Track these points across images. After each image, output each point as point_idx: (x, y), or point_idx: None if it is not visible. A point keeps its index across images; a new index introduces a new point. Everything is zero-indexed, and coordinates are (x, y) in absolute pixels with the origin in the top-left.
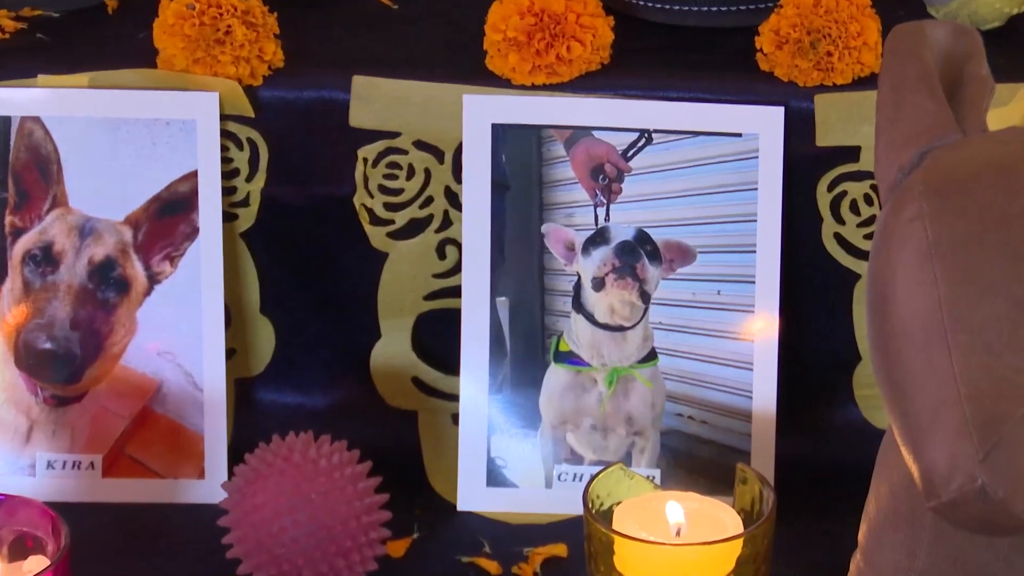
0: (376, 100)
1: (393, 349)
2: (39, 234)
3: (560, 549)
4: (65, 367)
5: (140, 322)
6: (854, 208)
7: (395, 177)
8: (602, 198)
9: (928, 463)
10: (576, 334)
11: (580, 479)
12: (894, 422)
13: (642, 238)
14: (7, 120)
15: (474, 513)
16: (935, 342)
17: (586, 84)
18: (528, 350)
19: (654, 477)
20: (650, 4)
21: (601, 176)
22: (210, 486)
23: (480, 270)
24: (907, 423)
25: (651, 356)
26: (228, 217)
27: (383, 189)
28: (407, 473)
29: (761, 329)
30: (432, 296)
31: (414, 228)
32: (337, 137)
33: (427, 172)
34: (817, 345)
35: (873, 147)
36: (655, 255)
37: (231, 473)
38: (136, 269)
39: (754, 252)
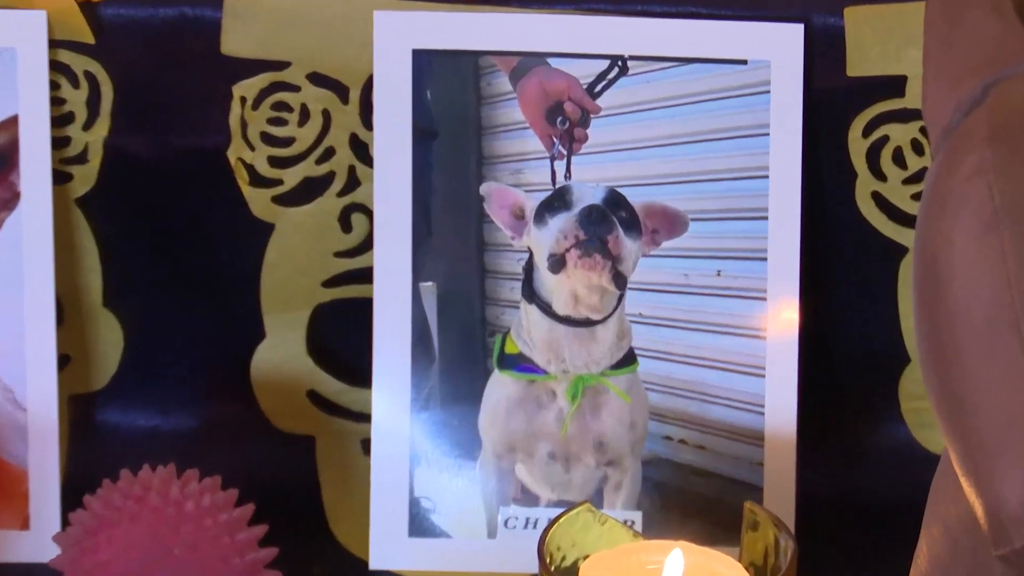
0: (257, 19)
1: (282, 353)
2: None
3: None
4: None
5: None
6: (898, 159)
7: (283, 122)
8: (561, 148)
9: (996, 497)
10: (528, 331)
11: (534, 525)
12: (951, 443)
13: (615, 201)
14: None
15: (392, 573)
16: (1004, 336)
17: None
18: (464, 353)
19: (633, 522)
20: None
21: (560, 119)
22: (37, 539)
23: (398, 246)
24: (968, 444)
25: (629, 359)
26: (60, 178)
27: (267, 138)
28: (302, 519)
29: (776, 322)
30: (334, 282)
31: (309, 190)
32: (205, 70)
33: (326, 115)
34: (851, 343)
35: (922, 78)
36: (632, 224)
37: (66, 522)
38: None
39: (766, 219)
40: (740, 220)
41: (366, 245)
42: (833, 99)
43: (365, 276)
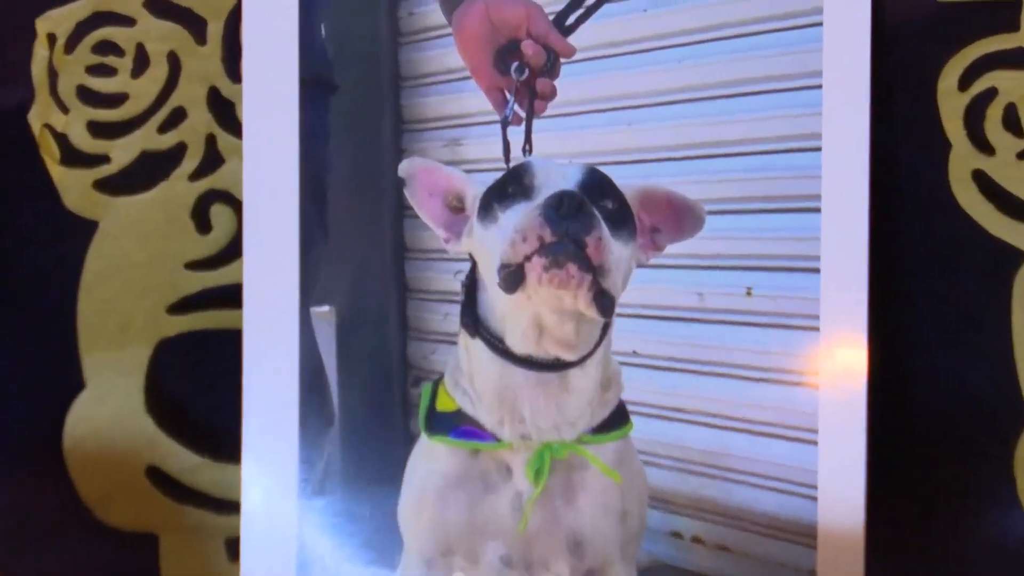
0: None
1: (109, 410)
2: None
3: None
4: None
5: None
6: (1011, 122)
7: (110, 71)
8: (518, 108)
9: None
10: (470, 377)
11: None
12: None
13: (597, 185)
14: None
15: None
16: None
17: None
18: (375, 410)
19: None
20: None
21: (515, 65)
22: None
23: (278, 253)
24: None
25: (618, 420)
26: None
27: (87, 95)
28: None
29: (834, 363)
30: (185, 306)
31: (148, 171)
32: None
33: (173, 61)
34: (943, 393)
35: None
36: (622, 219)
37: None
38: None
39: (818, 211)
40: (780, 213)
41: (232, 251)
42: (915, 34)
43: (230, 297)
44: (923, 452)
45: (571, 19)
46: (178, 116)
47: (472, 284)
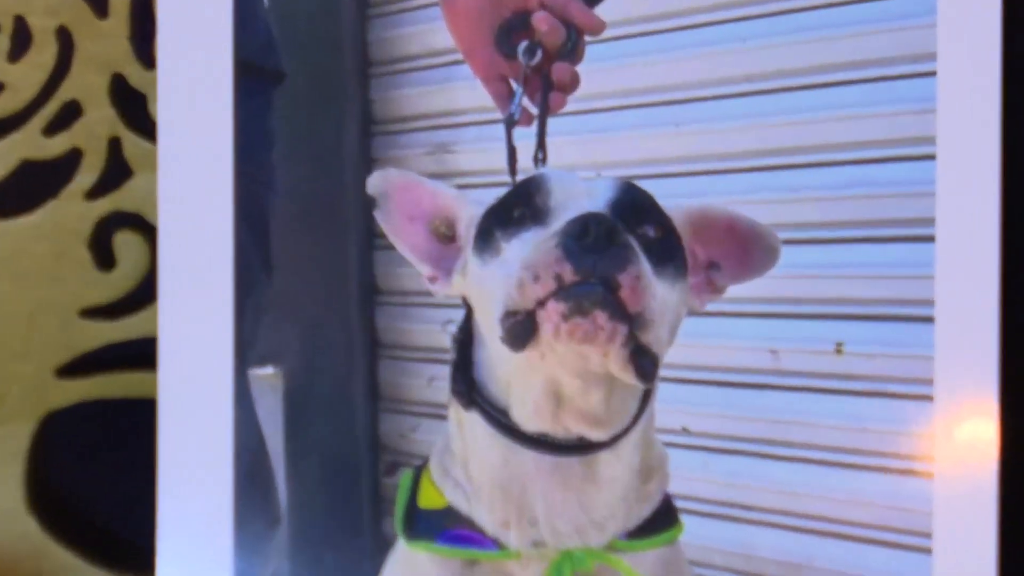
0: None
1: None
2: None
3: None
4: None
5: None
6: None
7: None
8: (527, 102)
9: None
10: (465, 463)
11: None
12: None
13: (633, 207)
14: None
15: None
16: None
17: None
18: (336, 506)
19: None
20: None
21: (524, 45)
22: None
23: (206, 297)
24: None
25: (663, 520)
26: None
27: None
28: None
29: (954, 444)
30: (80, 367)
31: (30, 187)
32: None
33: (65, 40)
34: None
35: None
36: (668, 251)
37: None
38: None
39: (931, 240)
40: (880, 243)
41: (143, 294)
42: None
43: (141, 355)
44: None
45: None
46: (71, 113)
47: (467, 339)
